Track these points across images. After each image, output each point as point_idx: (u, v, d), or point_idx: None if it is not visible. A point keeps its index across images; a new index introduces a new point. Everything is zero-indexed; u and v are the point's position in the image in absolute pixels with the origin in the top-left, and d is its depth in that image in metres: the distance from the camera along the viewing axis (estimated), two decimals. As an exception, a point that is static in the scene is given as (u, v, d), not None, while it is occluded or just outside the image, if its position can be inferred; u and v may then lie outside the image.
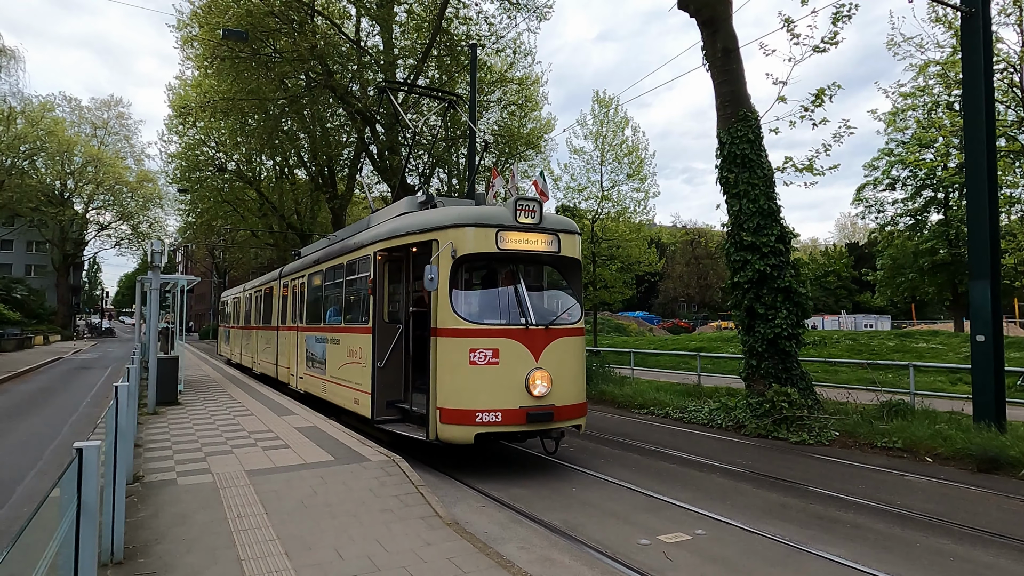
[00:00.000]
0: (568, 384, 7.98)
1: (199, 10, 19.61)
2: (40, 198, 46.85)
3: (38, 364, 24.75)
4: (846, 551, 5.31)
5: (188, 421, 10.71)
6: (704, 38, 11.95)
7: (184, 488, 6.46)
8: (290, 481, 6.73)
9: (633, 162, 25.16)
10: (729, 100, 11.70)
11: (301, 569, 4.43)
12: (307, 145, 27.22)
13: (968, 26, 9.87)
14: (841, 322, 50.45)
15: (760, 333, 11.18)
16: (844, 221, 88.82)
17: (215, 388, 16.09)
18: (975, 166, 9.60)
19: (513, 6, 20.59)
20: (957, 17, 12.43)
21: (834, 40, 11.59)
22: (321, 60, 18.80)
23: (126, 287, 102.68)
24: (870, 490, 7.32)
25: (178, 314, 18.45)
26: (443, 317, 7.73)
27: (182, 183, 32.84)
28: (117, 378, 16.49)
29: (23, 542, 2.07)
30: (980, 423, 9.11)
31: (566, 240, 8.44)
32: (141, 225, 55.09)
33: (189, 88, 28.14)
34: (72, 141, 47.91)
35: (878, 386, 12.09)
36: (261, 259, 43.21)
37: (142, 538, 5.00)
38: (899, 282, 35.73)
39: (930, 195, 33.57)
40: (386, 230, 9.23)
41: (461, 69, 21.17)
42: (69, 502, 2.85)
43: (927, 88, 23.34)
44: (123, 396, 5.03)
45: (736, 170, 11.51)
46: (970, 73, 9.79)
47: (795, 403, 10.58)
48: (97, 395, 15.74)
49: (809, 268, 53.51)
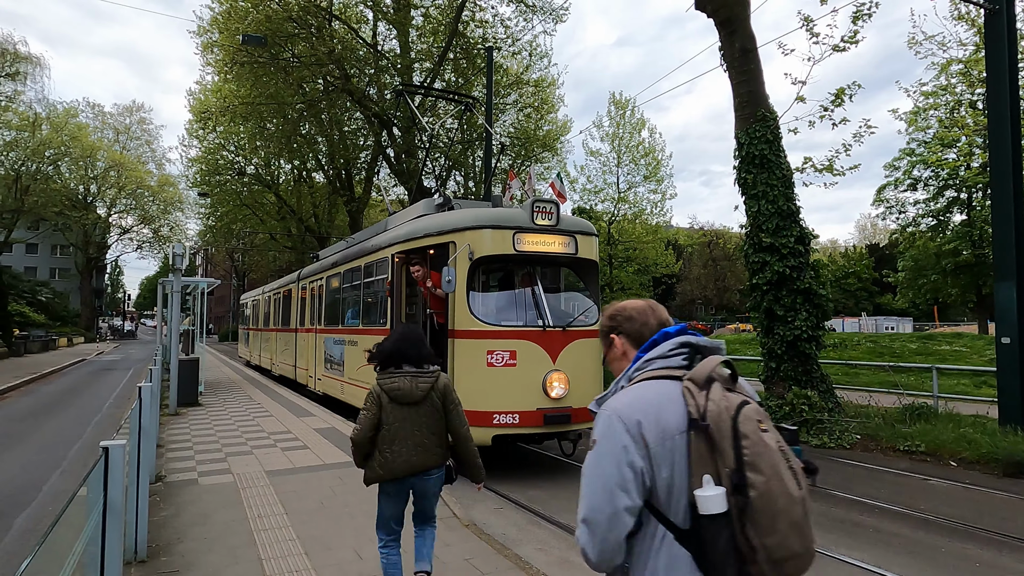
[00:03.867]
0: (586, 386, 7.96)
1: (219, 16, 19.88)
2: (64, 202, 47.63)
3: (62, 365, 25.17)
4: (869, 555, 5.24)
5: (209, 422, 10.84)
6: (722, 38, 11.87)
7: (205, 488, 6.54)
8: (309, 482, 6.79)
9: (650, 163, 25.10)
10: (747, 100, 11.61)
11: (321, 569, 4.46)
12: (325, 148, 27.44)
13: (992, 23, 9.72)
14: (862, 324, 49.79)
15: (779, 335, 11.07)
16: (864, 222, 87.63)
17: (235, 389, 16.27)
18: (1000, 165, 9.45)
19: (529, 8, 20.61)
20: (980, 14, 12.23)
21: (854, 39, 11.48)
22: (339, 64, 18.95)
23: (148, 290, 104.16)
24: (893, 494, 7.22)
25: (198, 316, 18.70)
26: (460, 319, 7.75)
27: (202, 187, 33.22)
28: (139, 380, 16.74)
29: (51, 540, 2.11)
30: (1006, 427, 8.95)
31: (583, 242, 8.42)
32: (162, 229, 55.82)
33: (209, 93, 28.49)
34: (95, 146, 48.67)
35: (900, 389, 11.92)
36: (280, 262, 43.55)
37: (165, 537, 5.07)
38: (921, 284, 35.18)
39: (953, 195, 33.00)
40: (404, 232, 9.27)
41: (477, 72, 21.23)
42: (96, 500, 2.89)
43: (949, 87, 23.00)
44: (146, 397, 5.10)
45: (754, 171, 11.41)
46: (994, 71, 9.64)
47: (815, 406, 10.45)
48: (120, 396, 15.97)
49: (829, 270, 52.89)
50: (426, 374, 3.72)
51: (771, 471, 1.43)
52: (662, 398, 1.57)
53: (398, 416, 3.62)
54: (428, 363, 3.79)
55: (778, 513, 1.42)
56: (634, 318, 1.84)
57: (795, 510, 1.43)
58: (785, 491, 1.43)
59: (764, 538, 1.41)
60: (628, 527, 1.52)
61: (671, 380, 1.61)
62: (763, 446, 1.45)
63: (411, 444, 3.62)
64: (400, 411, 3.63)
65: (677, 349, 1.69)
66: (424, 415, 3.67)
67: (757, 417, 1.50)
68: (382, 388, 3.66)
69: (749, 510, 1.42)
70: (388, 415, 3.62)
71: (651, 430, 1.53)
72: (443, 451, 3.77)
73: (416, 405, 3.65)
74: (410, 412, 3.64)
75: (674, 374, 1.63)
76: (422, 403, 3.67)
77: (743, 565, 1.44)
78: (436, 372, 3.77)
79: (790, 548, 1.42)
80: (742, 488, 1.43)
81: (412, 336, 3.83)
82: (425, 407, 3.67)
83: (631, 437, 1.53)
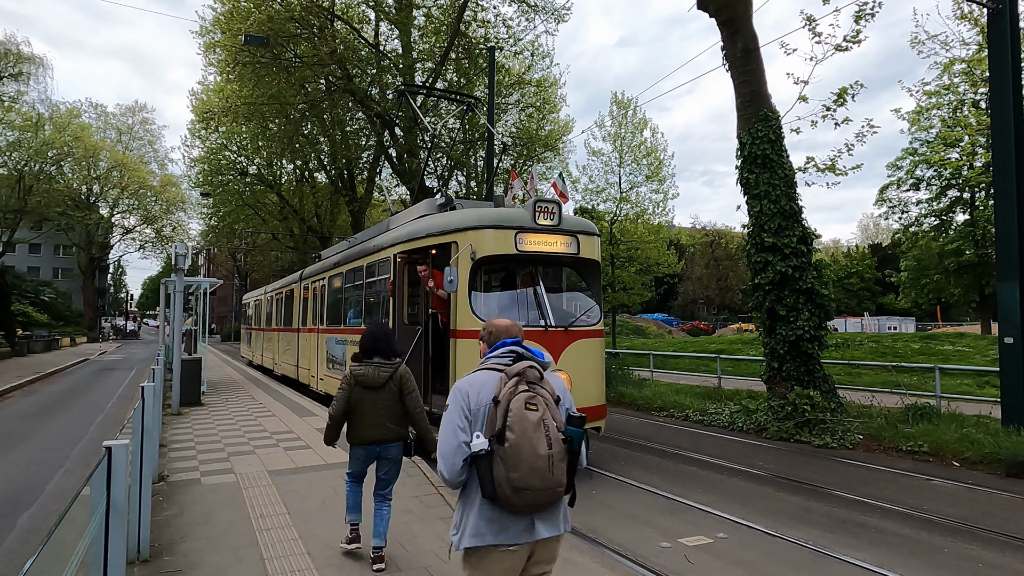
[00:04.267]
0: (587, 386, 7.95)
1: (221, 16, 19.87)
2: (67, 202, 47.74)
3: (65, 365, 25.23)
4: (871, 556, 5.24)
5: (211, 422, 10.86)
6: (724, 38, 11.86)
7: (208, 488, 6.55)
8: (311, 482, 6.79)
9: (652, 163, 25.02)
10: (749, 100, 11.60)
11: (323, 569, 4.47)
12: (327, 149, 27.45)
13: (995, 22, 9.71)
14: (864, 324, 49.70)
15: (781, 335, 11.06)
16: (867, 222, 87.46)
17: (237, 389, 16.29)
18: (1003, 164, 9.43)
19: (531, 8, 20.60)
20: (983, 14, 12.21)
21: (856, 39, 11.45)
22: (341, 64, 18.95)
23: (150, 290, 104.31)
24: (895, 494, 7.21)
25: (201, 316, 18.72)
26: (462, 319, 7.75)
27: (204, 187, 33.24)
28: (141, 379, 16.76)
29: (55, 540, 2.12)
30: (1009, 427, 8.93)
31: (585, 242, 8.42)
32: (165, 229, 55.90)
33: (211, 93, 28.50)
34: (98, 146, 48.74)
35: (903, 389, 11.90)
36: (282, 262, 43.60)
37: (167, 536, 5.08)
38: (924, 283, 35.06)
39: (956, 195, 32.87)
40: (405, 232, 9.28)
41: (479, 72, 21.22)
42: (99, 500, 2.90)
43: (952, 86, 22.96)
44: (149, 397, 5.11)
45: (757, 170, 11.40)
46: (997, 70, 9.62)
47: (817, 406, 10.44)
48: (122, 396, 16.00)
49: (831, 269, 52.79)
50: (388, 364, 4.55)
51: (521, 433, 2.33)
52: (486, 381, 2.53)
53: (364, 397, 4.47)
54: (395, 356, 4.64)
55: (522, 459, 2.31)
56: (493, 332, 2.82)
57: (538, 462, 2.32)
58: (531, 447, 2.32)
59: (510, 472, 2.31)
60: (464, 454, 2.40)
61: (496, 371, 2.56)
62: (522, 418, 2.35)
63: (373, 420, 4.49)
64: (365, 393, 4.47)
65: (507, 354, 2.65)
66: (384, 398, 4.50)
67: (529, 401, 2.40)
68: (352, 374, 4.52)
69: (502, 453, 2.32)
70: (356, 396, 4.47)
71: (474, 399, 2.49)
72: (399, 428, 4.58)
73: (378, 389, 4.48)
74: (373, 395, 4.48)
75: (499, 368, 2.57)
76: (383, 388, 4.49)
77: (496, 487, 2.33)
78: (396, 363, 4.60)
79: (528, 482, 2.32)
80: (501, 439, 2.34)
81: (382, 334, 4.71)
82: (385, 391, 4.50)
83: (463, 402, 2.49)
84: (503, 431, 2.33)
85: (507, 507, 2.38)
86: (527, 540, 2.46)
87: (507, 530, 2.43)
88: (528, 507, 2.39)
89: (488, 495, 2.37)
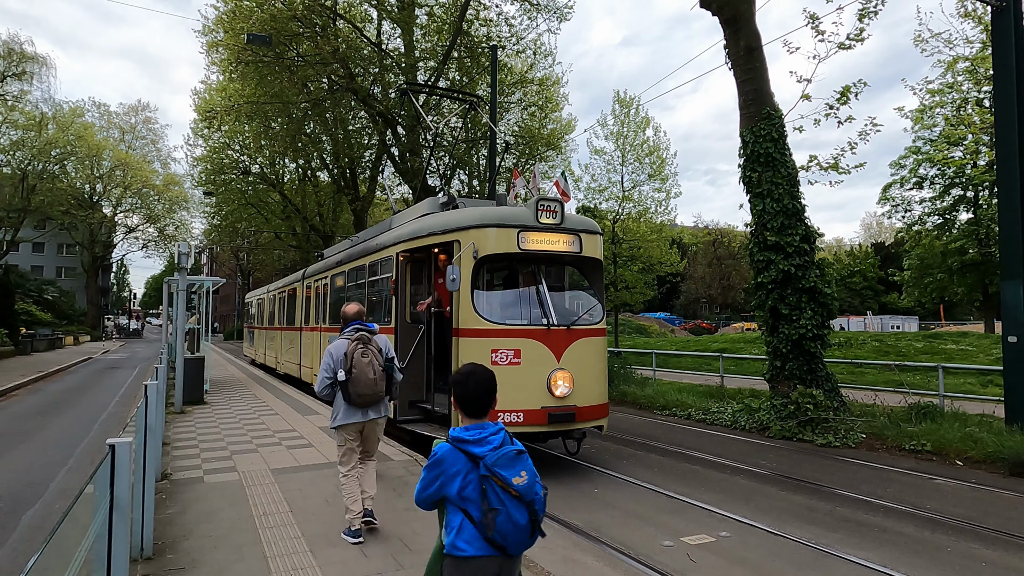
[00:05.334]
0: (590, 385, 7.95)
1: (224, 16, 19.88)
2: (70, 201, 47.82)
3: (69, 364, 25.29)
4: (874, 555, 5.23)
5: (214, 420, 10.88)
6: (727, 36, 11.84)
7: (211, 486, 6.56)
8: (314, 480, 6.80)
9: (654, 162, 24.95)
10: (752, 99, 11.58)
11: (326, 567, 4.47)
12: (329, 148, 27.46)
13: (999, 20, 9.67)
14: (867, 323, 49.63)
15: (784, 334, 11.04)
16: (870, 221, 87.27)
17: (240, 388, 16.32)
18: (1007, 163, 9.40)
19: (533, 7, 20.57)
20: (987, 12, 12.17)
21: (860, 36, 11.43)
22: (343, 63, 18.96)
23: (153, 289, 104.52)
24: (899, 493, 7.20)
25: (204, 315, 18.76)
26: (465, 317, 7.75)
27: (207, 186, 33.29)
28: (144, 378, 16.80)
29: (58, 537, 2.12)
30: (1012, 426, 8.91)
31: (588, 240, 8.41)
32: (168, 228, 55.99)
33: (214, 92, 28.53)
34: (101, 146, 48.80)
35: (906, 388, 11.87)
36: (284, 261, 43.67)
37: (170, 534, 5.09)
38: (927, 282, 35.01)
39: (959, 193, 32.81)
40: (408, 231, 9.28)
41: (481, 71, 21.20)
42: (102, 498, 2.90)
43: (956, 85, 22.92)
44: (152, 395, 5.12)
45: (760, 169, 11.38)
46: (1001, 68, 9.59)
47: (820, 405, 10.42)
48: (125, 395, 16.04)
49: (834, 268, 52.67)
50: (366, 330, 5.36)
51: (359, 369, 4.86)
52: (342, 344, 4.98)
53: None
54: None
55: (360, 381, 4.86)
56: (346, 317, 5.20)
57: (368, 381, 4.87)
58: (364, 375, 4.86)
59: (355, 388, 4.86)
60: (330, 382, 4.92)
61: (346, 340, 4.99)
62: (358, 360, 4.89)
63: None
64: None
65: (352, 330, 5.05)
66: None
67: (361, 351, 4.93)
68: None
69: (351, 379, 4.85)
70: None
71: (336, 354, 4.94)
72: None
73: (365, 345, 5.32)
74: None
75: (348, 338, 5.00)
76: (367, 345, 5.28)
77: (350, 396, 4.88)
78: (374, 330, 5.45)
79: (363, 394, 4.89)
80: (348, 373, 4.85)
81: None
82: None
83: (332, 354, 4.96)
84: (350, 369, 4.85)
85: (355, 404, 4.93)
86: (363, 419, 5.03)
87: (355, 415, 4.98)
88: (365, 404, 4.97)
89: (346, 400, 4.91)
